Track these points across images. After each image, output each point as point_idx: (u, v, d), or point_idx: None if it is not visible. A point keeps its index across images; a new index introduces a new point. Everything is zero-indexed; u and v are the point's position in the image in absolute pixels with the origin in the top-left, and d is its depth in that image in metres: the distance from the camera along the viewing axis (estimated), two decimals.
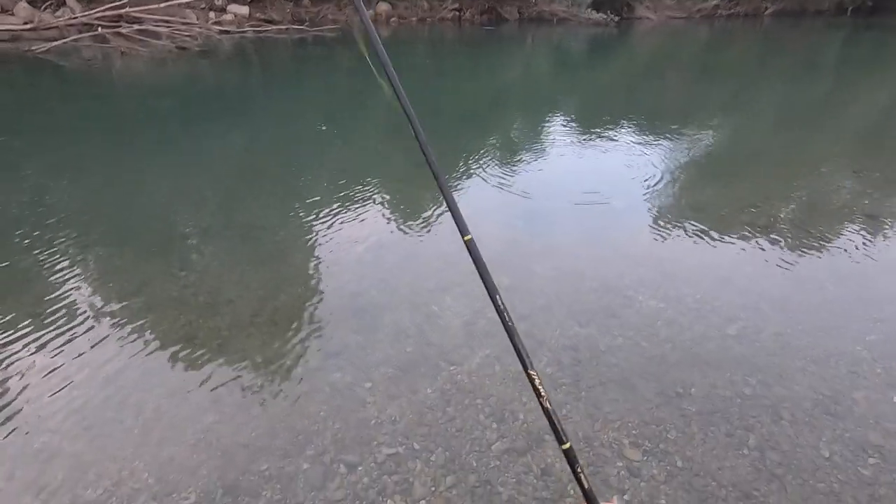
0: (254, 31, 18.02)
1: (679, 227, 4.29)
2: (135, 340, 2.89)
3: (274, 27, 18.67)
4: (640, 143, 6.55)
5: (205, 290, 3.39)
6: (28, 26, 15.86)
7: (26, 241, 3.90)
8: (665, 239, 4.09)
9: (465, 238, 1.07)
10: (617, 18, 23.42)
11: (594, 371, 2.71)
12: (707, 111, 8.71)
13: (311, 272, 3.57)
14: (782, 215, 4.52)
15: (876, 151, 6.47)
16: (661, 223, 4.34)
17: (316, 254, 3.83)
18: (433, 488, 2.08)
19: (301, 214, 4.46)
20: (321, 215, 4.42)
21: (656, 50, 18.08)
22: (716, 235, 4.15)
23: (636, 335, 2.98)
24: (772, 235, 4.16)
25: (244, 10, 20.72)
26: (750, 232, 4.21)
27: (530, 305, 3.23)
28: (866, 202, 4.77)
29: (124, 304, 3.21)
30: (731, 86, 11.10)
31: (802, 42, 19.85)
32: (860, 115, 8.58)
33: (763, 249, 3.94)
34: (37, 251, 3.76)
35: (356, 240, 4.01)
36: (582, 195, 4.96)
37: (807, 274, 3.61)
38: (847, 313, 3.18)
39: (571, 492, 2.05)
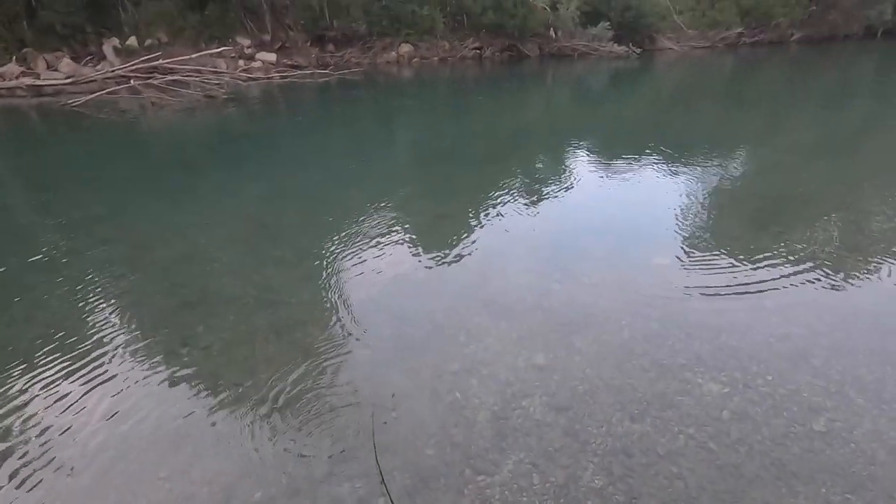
0: (280, 76, 18.53)
1: (733, 287, 3.80)
2: (118, 444, 2.57)
3: (300, 72, 19.17)
4: (677, 185, 6.11)
5: (207, 372, 3.07)
6: (69, 80, 16.69)
7: (22, 306, 3.70)
8: (719, 304, 3.60)
9: None
10: (639, 51, 23.31)
11: (654, 485, 2.24)
12: (743, 145, 8.23)
13: (325, 350, 3.22)
14: (853, 270, 3.98)
15: None
16: (713, 283, 3.86)
17: (332, 326, 3.49)
18: None
19: (317, 277, 4.16)
20: (338, 277, 4.12)
21: (682, 81, 17.74)
22: (776, 297, 3.64)
23: (700, 434, 2.50)
24: (843, 294, 3.64)
25: (272, 57, 21.48)
26: (817, 291, 3.70)
27: (570, 393, 2.79)
28: None
29: (113, 393, 2.91)
30: (765, 117, 10.60)
31: (835, 69, 19.22)
32: None
33: (837, 315, 3.42)
34: (34, 317, 3.55)
35: (375, 309, 3.67)
36: (621, 250, 4.54)
37: None
38: None
39: None
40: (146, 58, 16.74)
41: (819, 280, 3.84)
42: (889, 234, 4.60)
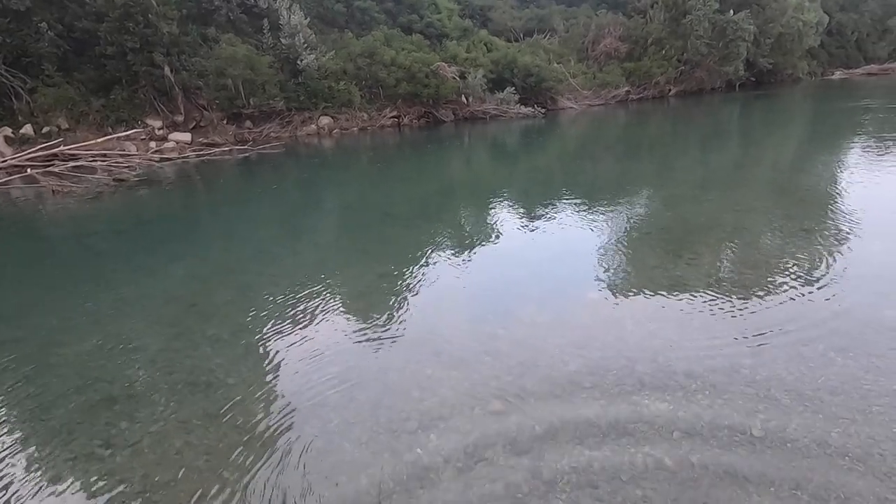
0: (196, 155, 18.09)
1: (661, 311, 4.09)
2: None
3: (217, 150, 18.85)
4: (594, 225, 6.58)
5: (137, 474, 2.74)
6: None
7: None
8: (651, 327, 3.85)
9: None
10: (543, 110, 25.50)
11: None
12: (644, 185, 9.10)
13: (270, 429, 3.01)
14: (756, 283, 4.44)
15: (805, 205, 6.79)
16: (643, 310, 4.14)
17: (275, 402, 3.29)
18: None
19: (256, 353, 3.94)
20: (279, 349, 3.92)
21: (584, 133, 19.55)
22: (699, 316, 3.96)
23: (656, 451, 2.59)
24: (754, 305, 4.03)
25: (186, 136, 21.00)
26: (732, 305, 4.07)
27: (529, 435, 2.79)
28: (831, 260, 4.82)
29: None
30: (658, 159, 11.88)
31: (707, 116, 22.16)
32: (781, 170, 9.25)
33: (752, 325, 3.77)
34: None
35: (322, 376, 3.51)
36: (556, 290, 4.76)
37: (806, 346, 3.42)
38: (867, 388, 2.95)
39: None
40: (44, 145, 15.77)
41: (732, 295, 4.24)
42: (778, 249, 5.23)
